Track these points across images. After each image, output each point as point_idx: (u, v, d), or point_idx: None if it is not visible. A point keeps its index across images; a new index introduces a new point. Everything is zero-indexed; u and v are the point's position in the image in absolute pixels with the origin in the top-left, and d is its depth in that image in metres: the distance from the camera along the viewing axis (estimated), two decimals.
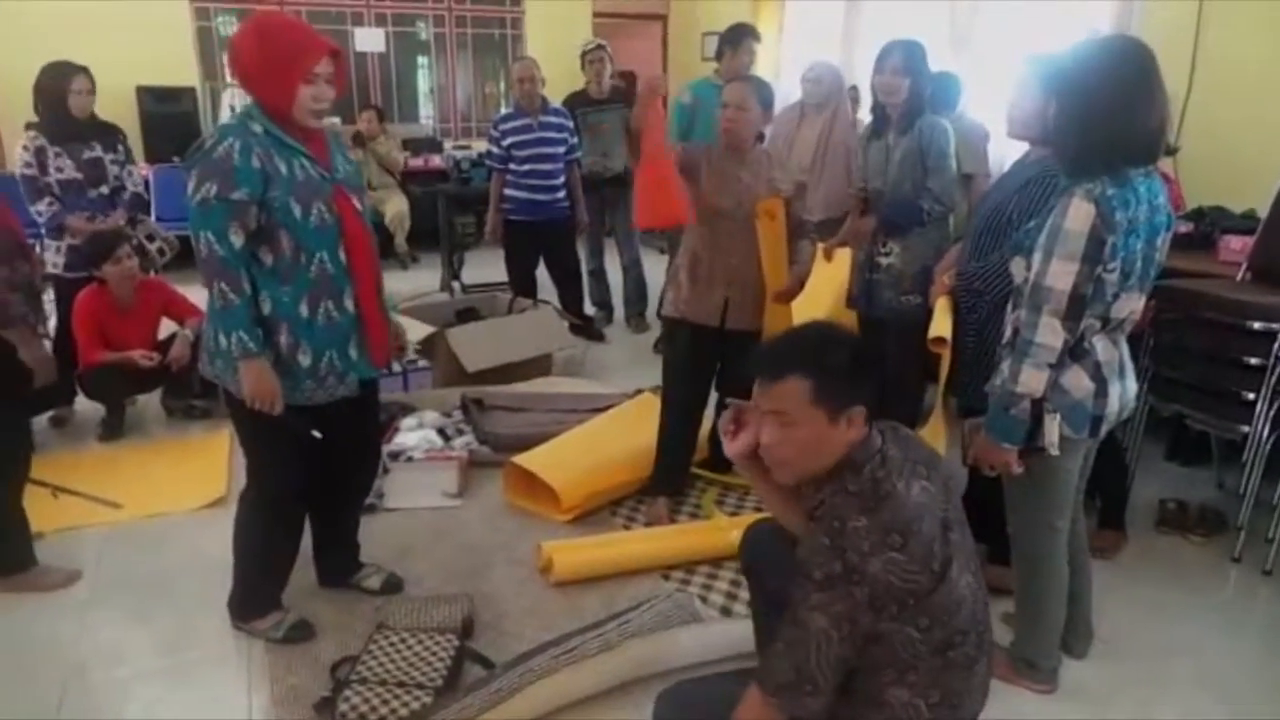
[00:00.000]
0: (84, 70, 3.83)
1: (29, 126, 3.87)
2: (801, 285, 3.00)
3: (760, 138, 3.10)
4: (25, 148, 3.78)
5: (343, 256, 2.19)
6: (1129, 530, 3.05)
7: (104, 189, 3.91)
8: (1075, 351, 2.01)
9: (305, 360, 2.19)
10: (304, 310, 2.16)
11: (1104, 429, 2.10)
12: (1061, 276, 1.91)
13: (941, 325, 2.48)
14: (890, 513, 1.46)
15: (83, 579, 2.76)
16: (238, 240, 2.06)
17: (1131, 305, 2.03)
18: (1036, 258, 1.96)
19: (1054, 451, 2.03)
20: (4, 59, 6.17)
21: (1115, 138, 1.89)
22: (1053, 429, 2.02)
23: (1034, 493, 2.17)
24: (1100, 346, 2.03)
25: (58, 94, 3.78)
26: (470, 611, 2.50)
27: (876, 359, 1.59)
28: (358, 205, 2.26)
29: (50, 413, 3.94)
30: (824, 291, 3.60)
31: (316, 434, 2.26)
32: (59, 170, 3.80)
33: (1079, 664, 2.40)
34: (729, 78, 3.70)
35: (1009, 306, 2.13)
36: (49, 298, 3.49)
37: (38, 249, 3.62)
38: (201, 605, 2.58)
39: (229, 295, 2.06)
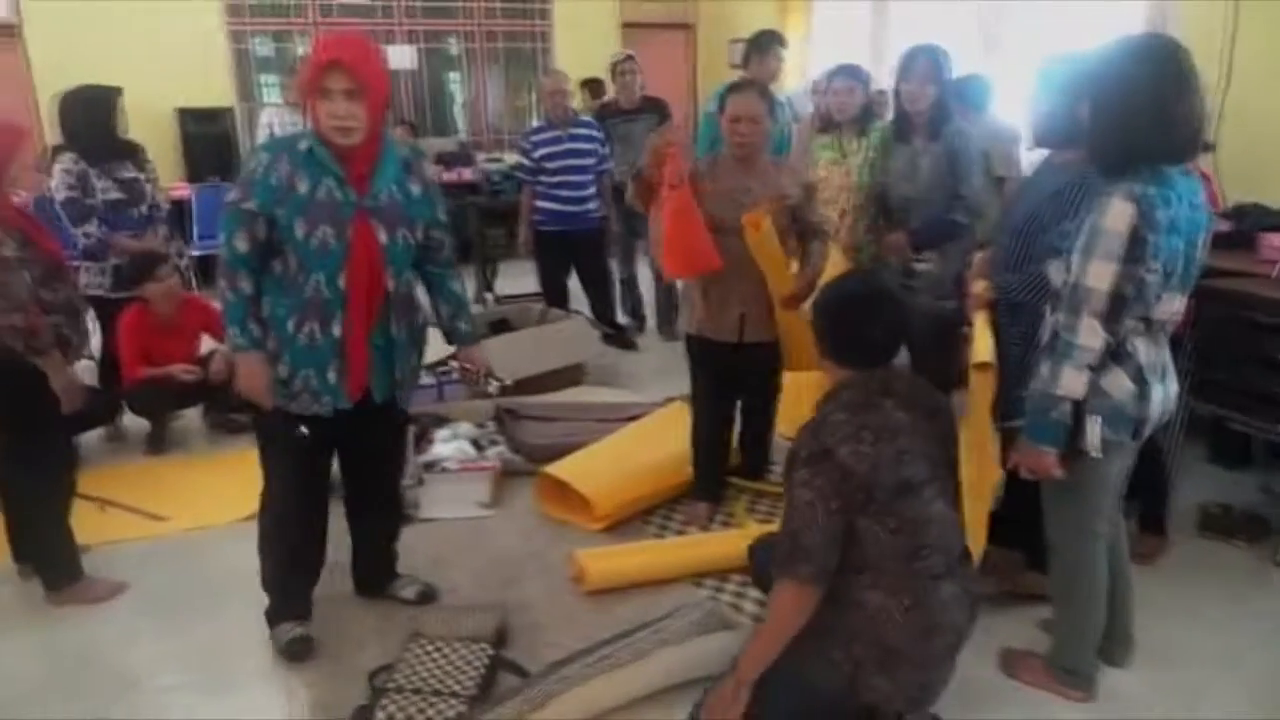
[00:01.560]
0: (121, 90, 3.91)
1: (58, 150, 3.87)
2: (813, 286, 2.94)
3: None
4: (67, 171, 3.73)
5: (341, 283, 2.20)
6: (1171, 535, 2.99)
7: (143, 207, 3.94)
8: (1117, 354, 1.98)
9: (283, 372, 2.26)
10: (290, 326, 2.23)
11: (1146, 432, 2.07)
12: (1102, 277, 1.88)
13: (982, 348, 2.34)
14: (870, 416, 1.78)
15: (128, 591, 2.82)
16: (242, 245, 2.17)
17: (1173, 306, 2.00)
18: (1076, 259, 1.93)
19: (1095, 454, 2.01)
20: (48, 84, 6.34)
21: (1154, 136, 1.87)
22: (1094, 431, 1.99)
23: (1074, 497, 2.14)
24: (1142, 348, 2.00)
25: (106, 113, 3.83)
26: (503, 620, 2.52)
27: (883, 333, 1.90)
28: (382, 235, 2.21)
29: (100, 429, 4.02)
30: None
31: (303, 430, 2.29)
32: (104, 191, 3.81)
33: (1118, 672, 2.35)
34: None
35: (1048, 311, 2.10)
36: (90, 317, 3.50)
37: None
38: (242, 615, 2.62)
39: (227, 293, 2.21)
